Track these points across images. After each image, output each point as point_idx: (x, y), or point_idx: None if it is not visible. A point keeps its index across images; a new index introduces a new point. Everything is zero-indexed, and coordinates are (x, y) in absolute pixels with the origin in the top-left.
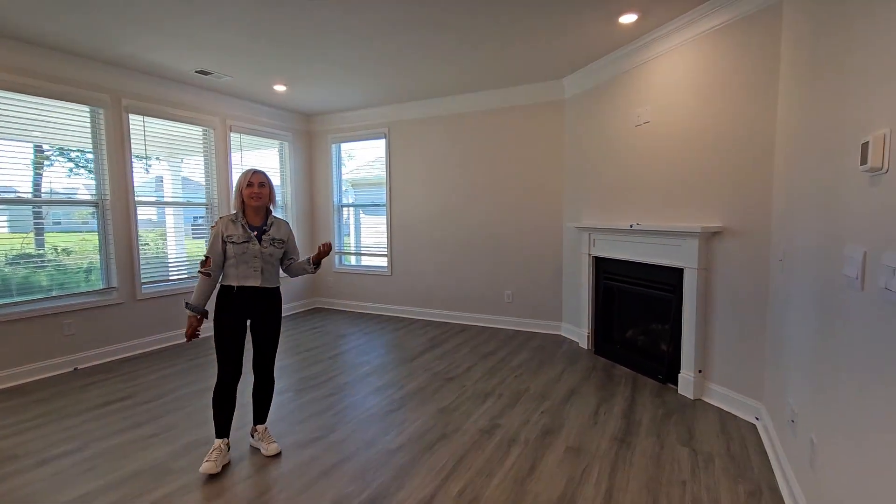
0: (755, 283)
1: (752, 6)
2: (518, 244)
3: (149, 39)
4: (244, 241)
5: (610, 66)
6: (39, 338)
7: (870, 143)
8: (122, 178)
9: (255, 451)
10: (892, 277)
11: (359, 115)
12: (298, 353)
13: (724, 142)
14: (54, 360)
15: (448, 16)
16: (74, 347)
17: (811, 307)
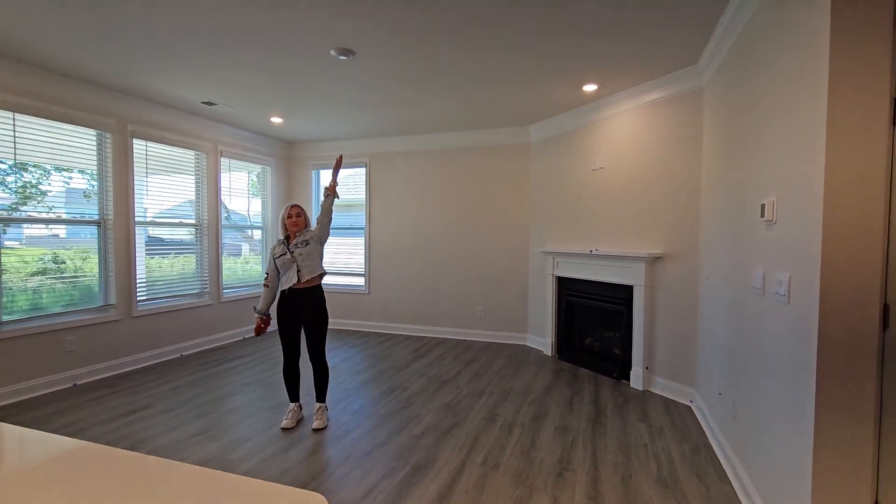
0: (687, 296)
1: (682, 89)
2: (489, 265)
3: (165, 72)
4: (282, 254)
5: (571, 120)
6: (42, 354)
7: (766, 204)
8: (123, 199)
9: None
10: (779, 286)
11: (341, 146)
12: None
13: (663, 187)
14: (56, 375)
15: (437, 76)
16: (74, 363)
17: (728, 311)
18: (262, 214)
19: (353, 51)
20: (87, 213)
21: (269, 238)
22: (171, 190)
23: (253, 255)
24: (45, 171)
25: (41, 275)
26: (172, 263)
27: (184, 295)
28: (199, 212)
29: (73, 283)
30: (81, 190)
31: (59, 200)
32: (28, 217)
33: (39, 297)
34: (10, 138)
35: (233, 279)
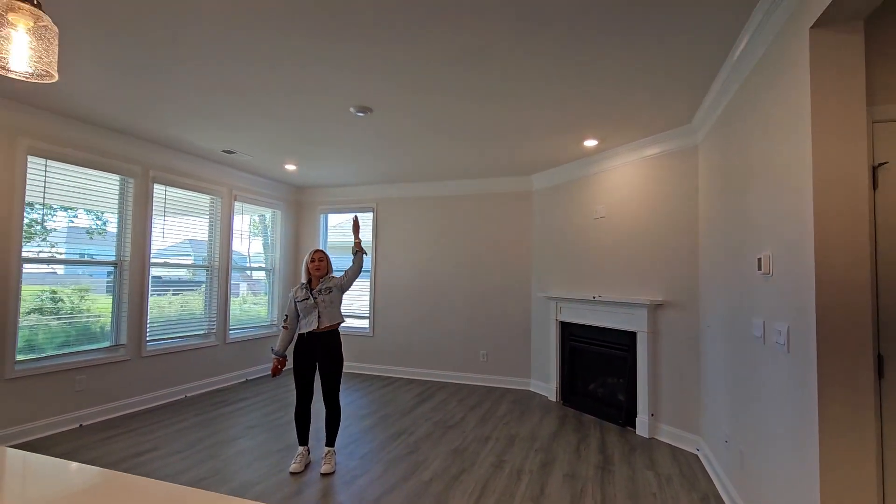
0: (690, 343)
1: (677, 145)
2: (492, 310)
3: (191, 124)
4: (304, 299)
5: (573, 171)
6: (53, 393)
7: (762, 258)
8: (140, 240)
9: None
10: (779, 336)
11: (350, 191)
12: None
13: (663, 236)
14: (63, 416)
15: (446, 129)
16: (83, 403)
17: (731, 358)
18: (269, 256)
19: (370, 108)
20: (100, 254)
21: (275, 280)
22: (184, 232)
23: (251, 296)
24: (68, 212)
25: (50, 314)
26: (182, 303)
27: (191, 335)
28: (210, 253)
29: (72, 321)
30: (85, 228)
31: (61, 237)
32: (50, 258)
33: (48, 336)
34: (41, 183)
35: (236, 320)
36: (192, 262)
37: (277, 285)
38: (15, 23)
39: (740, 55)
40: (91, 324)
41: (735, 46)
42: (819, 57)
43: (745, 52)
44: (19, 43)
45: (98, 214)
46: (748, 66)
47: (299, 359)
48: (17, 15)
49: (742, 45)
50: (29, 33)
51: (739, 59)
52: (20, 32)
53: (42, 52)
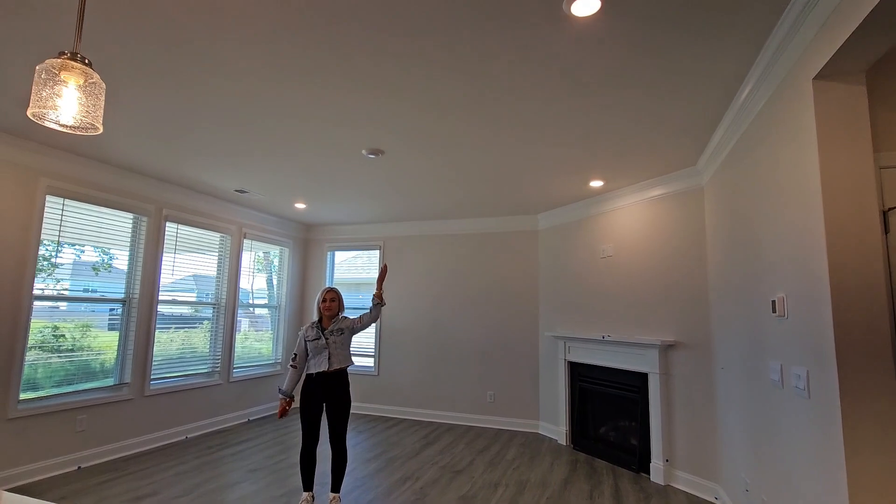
0: (704, 385)
1: (683, 186)
2: (499, 349)
3: (207, 165)
4: (315, 338)
5: (578, 210)
6: (54, 434)
7: (776, 300)
8: (150, 278)
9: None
10: (798, 380)
11: (357, 229)
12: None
13: (671, 276)
14: (62, 457)
15: (454, 170)
16: (83, 444)
17: (748, 402)
18: (276, 293)
19: (382, 150)
20: (107, 290)
21: (281, 317)
22: (192, 268)
23: (253, 332)
24: (76, 248)
25: (51, 351)
26: (185, 339)
27: (194, 374)
28: (218, 290)
29: (72, 358)
30: (92, 264)
31: (66, 273)
32: (59, 295)
33: (48, 373)
34: (58, 221)
35: (238, 357)
36: (199, 298)
37: (283, 323)
38: (67, 80)
39: (743, 102)
40: (91, 361)
41: (739, 93)
42: (824, 107)
43: (748, 99)
44: (69, 99)
45: (105, 250)
46: (752, 113)
47: (307, 399)
48: (70, 73)
49: (745, 93)
50: (79, 90)
51: (743, 106)
52: (70, 89)
53: (90, 107)
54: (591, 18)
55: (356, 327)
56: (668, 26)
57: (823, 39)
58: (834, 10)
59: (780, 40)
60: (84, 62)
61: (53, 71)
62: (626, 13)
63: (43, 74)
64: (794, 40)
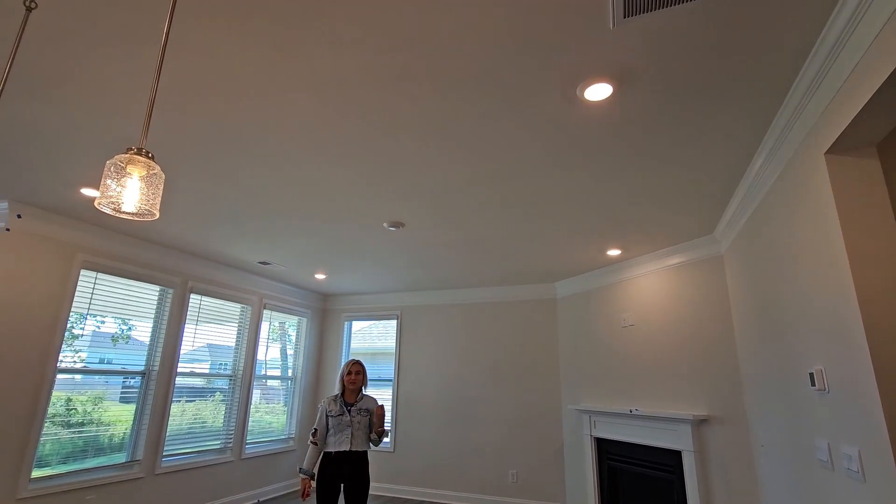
0: (744, 465)
1: (701, 255)
2: (520, 423)
3: (233, 239)
4: (339, 414)
5: (597, 279)
6: None
7: (814, 373)
8: (171, 349)
9: None
10: (850, 461)
11: (374, 298)
12: None
13: (697, 346)
14: None
15: (472, 241)
16: None
17: (795, 486)
18: (292, 364)
19: (403, 223)
20: (126, 362)
21: (296, 389)
22: (212, 339)
23: (264, 404)
24: (96, 319)
25: (61, 425)
26: (197, 411)
27: (207, 450)
28: (235, 362)
29: (82, 433)
30: (111, 335)
31: (85, 344)
32: (84, 367)
33: (55, 448)
34: (89, 294)
35: (250, 432)
36: (213, 369)
37: (298, 395)
38: (132, 172)
39: (756, 174)
40: (100, 435)
41: (751, 167)
42: (840, 180)
43: (761, 172)
44: (132, 189)
45: (125, 321)
46: (766, 185)
47: (324, 479)
48: (135, 166)
49: (756, 166)
50: (141, 180)
51: (756, 178)
52: (134, 180)
53: (150, 196)
54: (603, 102)
55: (375, 424)
56: (677, 107)
57: (832, 116)
58: (840, 89)
59: (788, 116)
60: (148, 156)
61: (121, 164)
62: (637, 97)
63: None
64: (800, 118)
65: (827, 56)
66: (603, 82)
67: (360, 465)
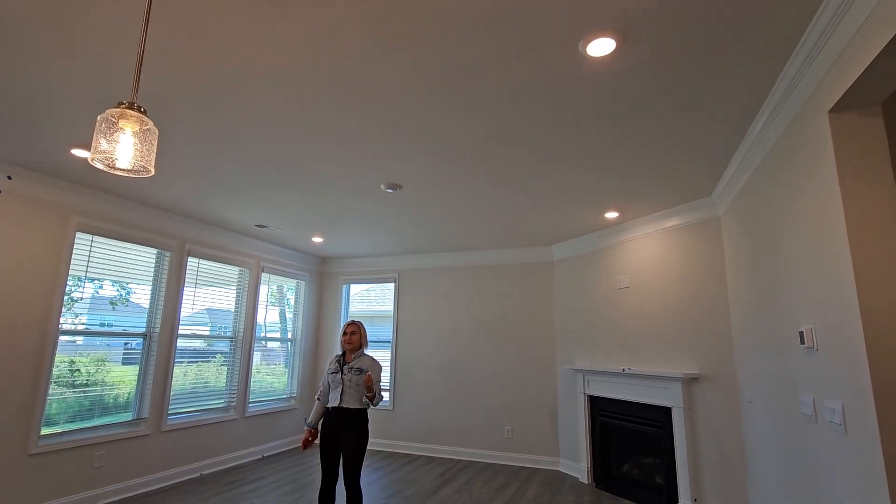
0: (731, 420)
1: (698, 217)
2: (516, 382)
3: (230, 201)
4: (334, 372)
5: (593, 241)
6: (73, 470)
7: (804, 332)
8: (171, 312)
9: None
10: (833, 415)
11: (372, 262)
12: (315, 491)
13: (691, 307)
14: (83, 494)
15: (470, 203)
16: (101, 481)
17: (779, 438)
18: (292, 327)
19: (400, 185)
20: (125, 324)
21: (297, 350)
22: (211, 302)
23: (265, 366)
24: (95, 283)
25: (66, 386)
26: (200, 373)
27: (210, 409)
28: (235, 324)
29: (87, 393)
30: (110, 298)
31: (83, 308)
32: (85, 329)
33: (62, 408)
34: (85, 257)
35: (252, 392)
36: (213, 332)
37: (298, 356)
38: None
39: (758, 135)
40: (105, 395)
41: (752, 126)
42: (842, 139)
43: (763, 132)
44: (126, 145)
45: (123, 285)
46: (767, 145)
47: (324, 436)
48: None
49: (759, 126)
50: (135, 136)
51: (758, 138)
52: (127, 135)
53: (144, 152)
54: (606, 58)
55: (374, 380)
56: (680, 63)
57: (837, 73)
58: (847, 45)
59: (792, 76)
60: (140, 110)
61: (112, 119)
62: (640, 53)
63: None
64: (806, 75)
65: (835, 12)
66: (606, 37)
67: (352, 421)
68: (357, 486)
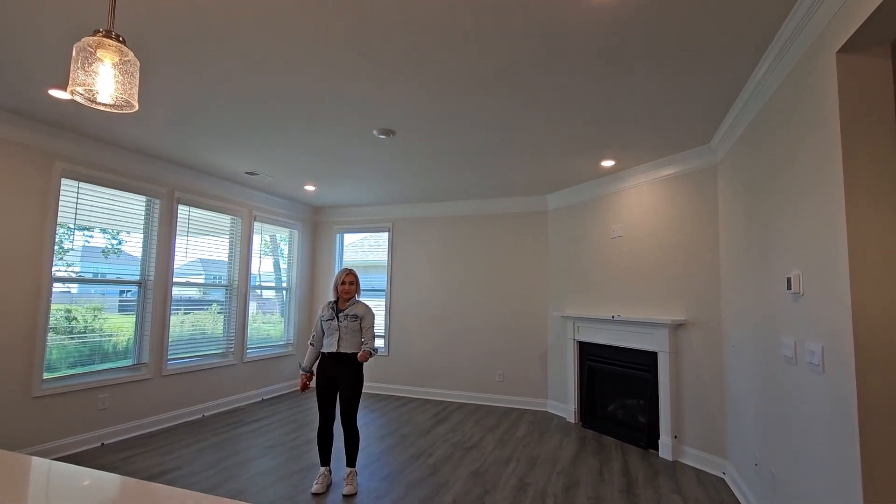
0: (713, 364)
1: (695, 165)
2: (507, 329)
3: (218, 147)
4: (329, 319)
5: (588, 191)
6: (77, 411)
7: (792, 277)
8: (164, 260)
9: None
10: (812, 356)
11: (366, 211)
12: (313, 430)
13: (682, 256)
14: (85, 434)
15: (465, 150)
16: (105, 422)
17: (759, 379)
18: (287, 276)
19: (393, 131)
20: (118, 273)
21: (292, 299)
22: (204, 251)
23: (261, 315)
24: (86, 232)
25: (64, 333)
26: (198, 321)
27: (209, 355)
28: (230, 273)
29: (85, 340)
30: (102, 248)
31: (75, 258)
32: (78, 277)
33: (62, 355)
34: (73, 204)
35: (250, 339)
36: (212, 281)
37: (294, 304)
38: (103, 58)
39: (761, 79)
40: (104, 343)
41: (756, 70)
42: (847, 81)
43: (766, 76)
44: (106, 77)
45: (114, 234)
46: (769, 90)
47: (321, 379)
48: (105, 51)
49: (763, 70)
50: (115, 67)
51: (760, 83)
52: (107, 67)
53: (126, 85)
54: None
55: (365, 331)
56: (684, 5)
57: (849, 11)
58: None
59: (803, 13)
60: (119, 39)
61: (90, 49)
62: None
63: (80, 53)
64: (817, 13)
65: None
66: None
67: (349, 365)
68: (354, 424)
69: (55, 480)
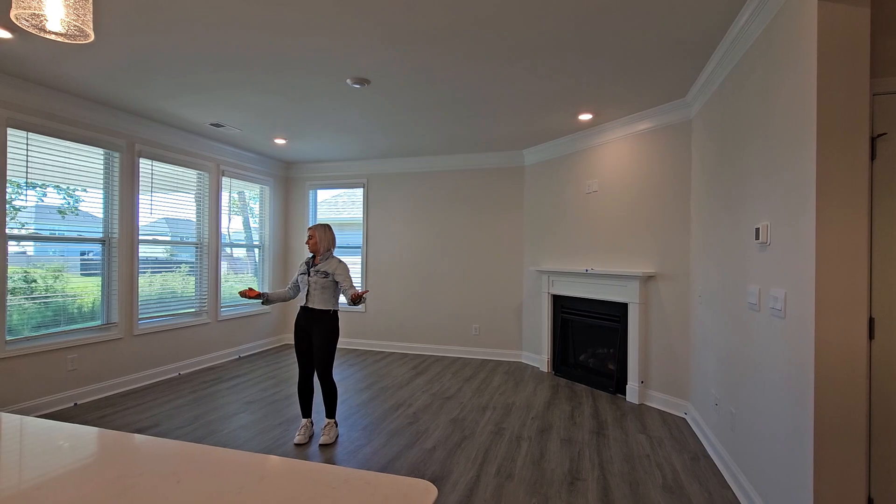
0: (680, 313)
1: (671, 119)
2: (483, 284)
3: (178, 95)
4: (302, 273)
5: (565, 146)
6: (45, 373)
7: (760, 228)
8: (128, 217)
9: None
10: (775, 302)
11: (340, 166)
12: (293, 385)
13: (654, 210)
14: (56, 395)
15: (441, 103)
16: (76, 382)
17: (724, 326)
18: (259, 233)
19: (368, 80)
20: (79, 230)
21: (265, 257)
22: (171, 208)
23: (233, 274)
24: (39, 189)
25: (22, 295)
26: (166, 281)
27: (182, 314)
28: (199, 230)
29: (48, 302)
30: (59, 206)
31: (28, 217)
32: (37, 235)
33: (23, 318)
34: (23, 158)
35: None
36: (181, 239)
37: (267, 263)
38: None
39: (740, 31)
40: (68, 304)
41: (736, 20)
42: (826, 29)
43: (745, 27)
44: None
45: (71, 192)
46: (747, 42)
47: (296, 332)
48: None
49: (743, 20)
50: None
51: (739, 35)
52: None
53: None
54: None
55: (342, 282)
56: None
57: None
58: None
59: None
60: None
61: None
62: None
63: None
64: None
65: None
66: None
67: (319, 320)
68: (329, 378)
69: (28, 434)
